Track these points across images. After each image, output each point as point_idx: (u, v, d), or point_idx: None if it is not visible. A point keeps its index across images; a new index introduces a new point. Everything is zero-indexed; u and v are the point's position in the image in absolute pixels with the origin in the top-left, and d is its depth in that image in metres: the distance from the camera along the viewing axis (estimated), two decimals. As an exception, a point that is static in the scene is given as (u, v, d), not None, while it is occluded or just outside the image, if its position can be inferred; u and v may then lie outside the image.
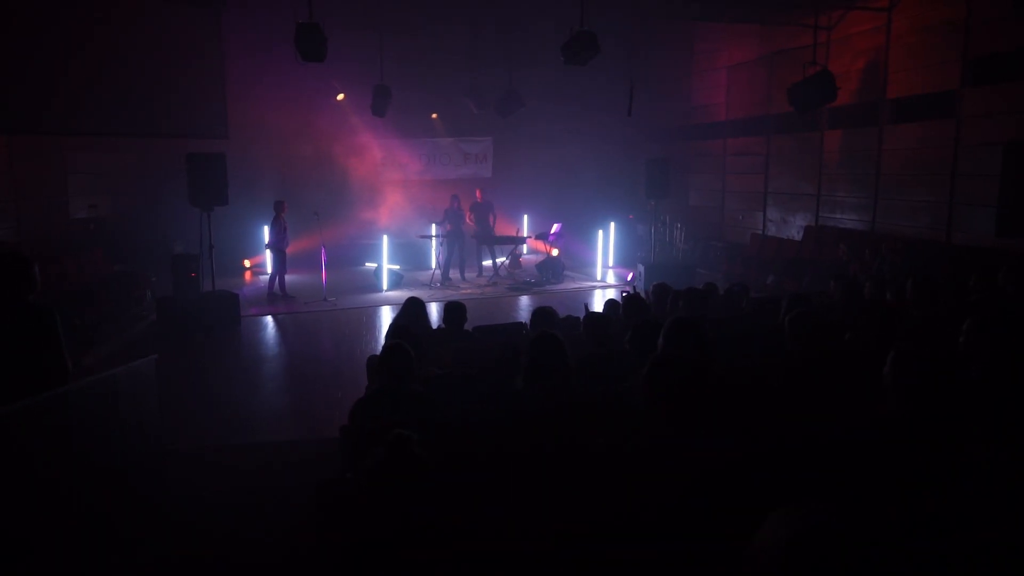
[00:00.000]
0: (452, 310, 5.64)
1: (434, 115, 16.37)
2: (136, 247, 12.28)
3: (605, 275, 14.48)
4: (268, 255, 13.22)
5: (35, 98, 9.94)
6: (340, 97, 14.54)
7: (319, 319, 10.81)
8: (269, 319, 10.83)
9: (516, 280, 13.87)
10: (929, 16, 10.36)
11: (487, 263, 14.34)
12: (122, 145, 12.77)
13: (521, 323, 6.75)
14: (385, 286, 12.86)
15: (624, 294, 5.53)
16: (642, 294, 7.71)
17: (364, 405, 3.21)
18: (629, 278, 13.62)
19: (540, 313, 5.45)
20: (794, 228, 13.58)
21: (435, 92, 15.59)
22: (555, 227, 14.65)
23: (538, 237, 15.00)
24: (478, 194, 14.26)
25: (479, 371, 3.96)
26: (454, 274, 13.86)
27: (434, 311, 11.26)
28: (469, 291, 12.89)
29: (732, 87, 15.16)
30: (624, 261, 15.07)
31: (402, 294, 11.99)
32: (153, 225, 13.01)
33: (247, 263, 15.00)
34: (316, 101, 14.74)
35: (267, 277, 12.69)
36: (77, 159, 11.95)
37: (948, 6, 10.01)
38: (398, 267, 13.90)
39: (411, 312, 6.15)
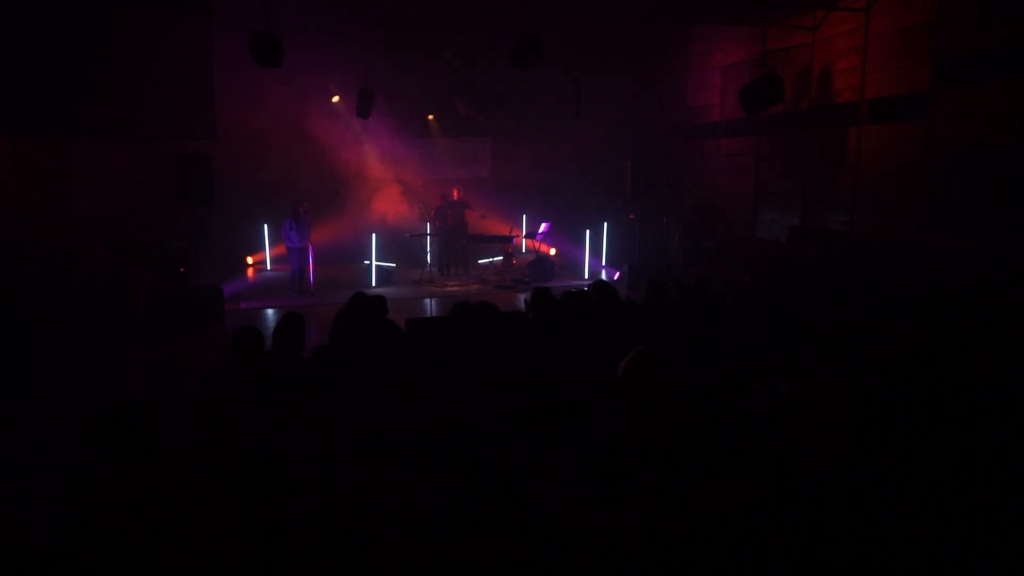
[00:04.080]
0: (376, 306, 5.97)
1: (431, 116, 16.69)
2: (134, 244, 12.85)
3: (598, 275, 14.64)
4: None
5: (38, 102, 10.52)
6: (335, 99, 14.96)
7: (303, 312, 11.19)
8: (253, 313, 11.30)
9: (505, 279, 14.14)
10: (903, 17, 10.35)
11: (482, 261, 14.65)
12: (122, 146, 13.35)
13: (447, 317, 7.05)
14: (374, 282, 13.25)
15: (534, 291, 5.90)
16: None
17: (215, 382, 3.55)
18: (616, 277, 13.79)
19: (456, 307, 5.77)
20: (782, 228, 13.60)
21: (432, 93, 15.90)
22: (543, 226, 14.88)
23: (527, 236, 15.24)
24: (455, 192, 14.51)
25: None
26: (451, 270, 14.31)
27: (431, 307, 11.81)
28: (455, 288, 13.22)
29: (726, 88, 15.20)
30: (619, 261, 15.21)
31: (390, 290, 12.40)
32: (150, 223, 13.58)
33: (250, 260, 15.57)
34: (313, 102, 15.18)
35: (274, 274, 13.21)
36: (79, 160, 12.56)
37: (921, 7, 10.01)
38: (393, 264, 14.28)
39: (354, 306, 6.56)
